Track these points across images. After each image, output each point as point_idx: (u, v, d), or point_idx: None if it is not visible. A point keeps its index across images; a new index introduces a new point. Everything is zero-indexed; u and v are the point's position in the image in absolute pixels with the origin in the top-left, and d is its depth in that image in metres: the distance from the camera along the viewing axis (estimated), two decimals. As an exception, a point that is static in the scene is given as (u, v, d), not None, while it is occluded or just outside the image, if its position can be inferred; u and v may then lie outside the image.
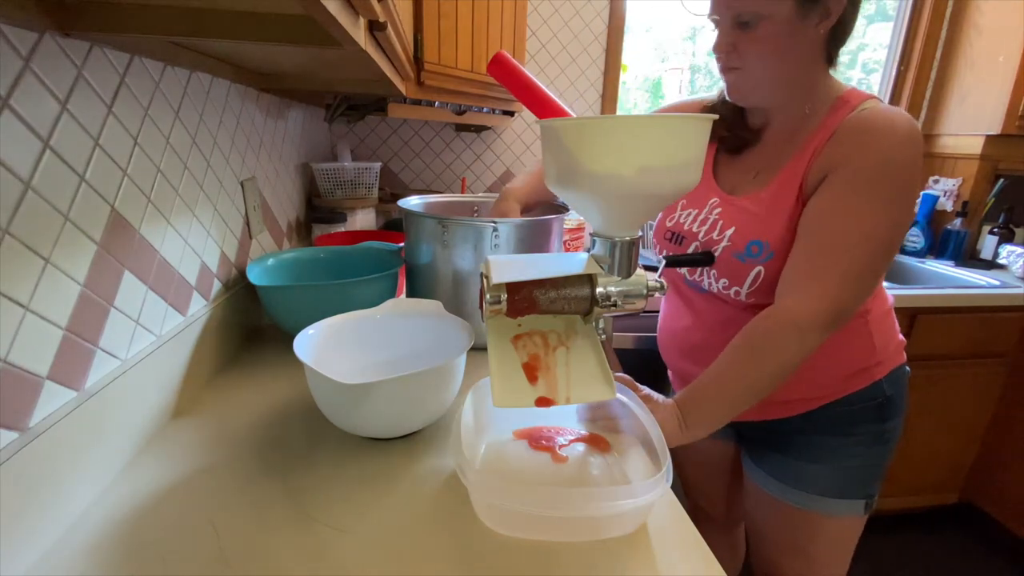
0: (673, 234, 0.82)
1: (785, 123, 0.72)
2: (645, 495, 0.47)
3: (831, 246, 0.62)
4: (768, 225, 0.69)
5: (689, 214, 0.80)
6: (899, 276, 1.80)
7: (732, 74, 0.69)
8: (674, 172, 0.48)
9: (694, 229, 0.78)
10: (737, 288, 0.72)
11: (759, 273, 0.69)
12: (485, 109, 1.46)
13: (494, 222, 0.81)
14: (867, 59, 2.08)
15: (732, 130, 0.77)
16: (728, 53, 0.67)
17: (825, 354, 0.68)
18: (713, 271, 0.75)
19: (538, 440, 0.63)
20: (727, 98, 0.72)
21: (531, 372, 0.55)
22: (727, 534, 1.06)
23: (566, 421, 0.67)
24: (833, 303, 0.61)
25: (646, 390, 0.68)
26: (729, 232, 0.72)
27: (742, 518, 0.99)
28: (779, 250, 0.67)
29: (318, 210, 1.35)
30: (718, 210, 0.75)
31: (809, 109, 0.69)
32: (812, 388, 0.74)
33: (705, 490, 1.02)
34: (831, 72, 0.69)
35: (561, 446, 0.62)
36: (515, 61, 0.72)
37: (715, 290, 0.75)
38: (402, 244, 0.97)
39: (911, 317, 1.45)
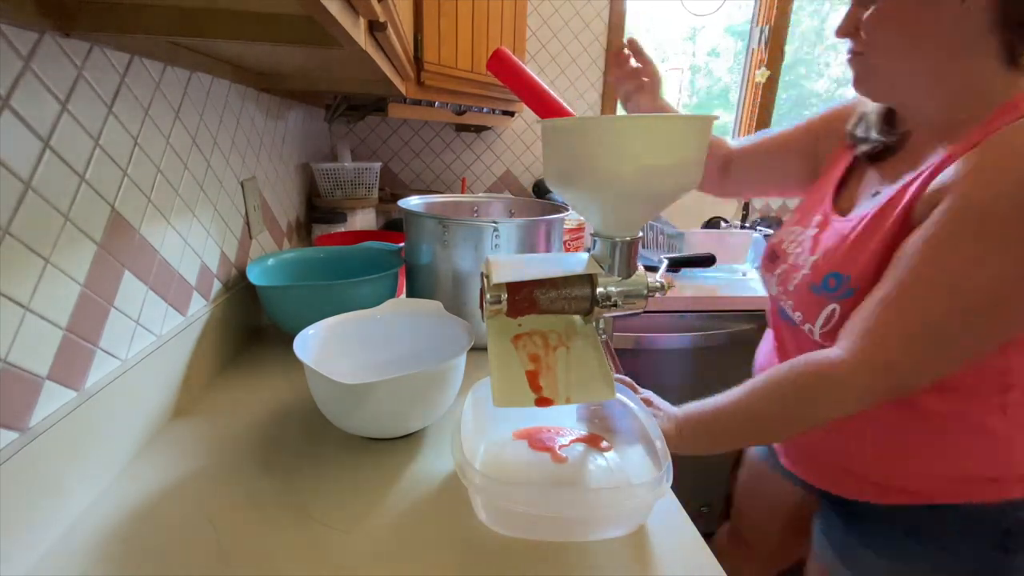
0: (772, 251, 0.72)
1: (930, 131, 0.58)
2: (645, 495, 0.47)
3: (905, 292, 0.50)
4: (854, 254, 0.57)
5: (791, 232, 0.69)
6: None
7: (855, 60, 0.58)
8: (675, 172, 0.48)
9: (788, 249, 0.68)
10: (810, 325, 0.61)
11: (834, 311, 0.57)
12: (485, 109, 1.46)
13: (494, 222, 0.81)
14: (867, 59, 2.08)
15: (868, 133, 0.64)
16: (851, 35, 0.56)
17: (931, 440, 0.58)
18: (790, 301, 0.65)
19: (538, 440, 0.63)
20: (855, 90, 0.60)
21: (533, 379, 0.55)
22: (765, 570, 0.92)
23: (566, 421, 0.67)
24: (887, 365, 0.51)
25: (646, 393, 0.68)
26: (813, 258, 0.62)
27: (790, 566, 0.86)
28: (862, 287, 0.55)
29: (318, 210, 1.35)
30: (814, 231, 0.65)
31: (966, 115, 0.53)
32: (913, 478, 0.60)
33: (754, 522, 0.90)
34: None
35: (561, 446, 0.62)
36: (515, 58, 0.72)
37: (796, 322, 0.65)
38: (402, 244, 0.97)
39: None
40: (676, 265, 0.75)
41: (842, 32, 0.57)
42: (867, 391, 0.52)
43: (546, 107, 0.74)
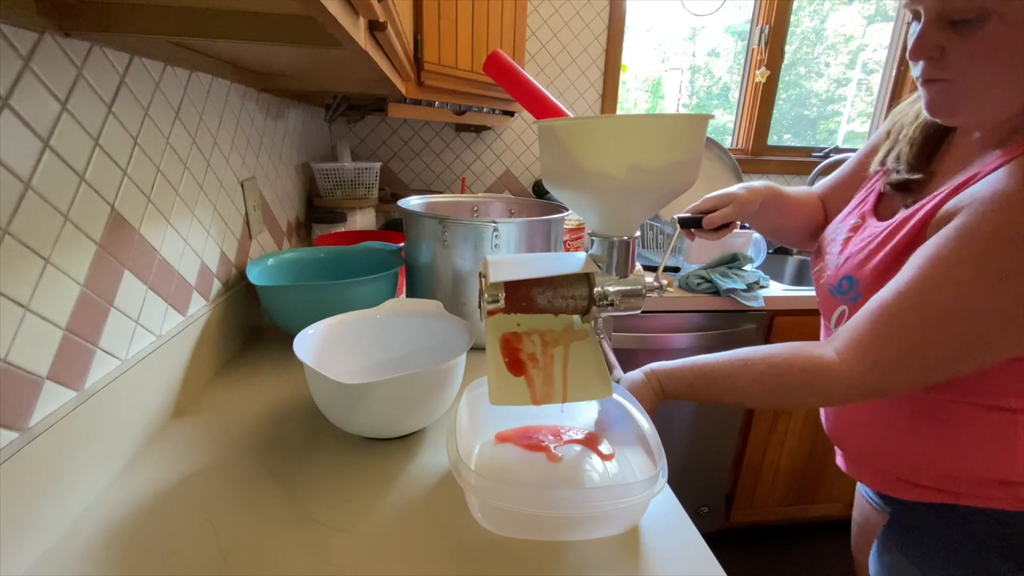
0: (818, 247, 0.74)
1: (980, 143, 0.56)
2: (640, 494, 0.47)
3: (901, 302, 0.50)
4: (869, 259, 0.59)
5: (835, 228, 0.70)
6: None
7: (935, 87, 0.53)
8: (669, 172, 0.48)
9: (826, 248, 0.70)
10: (827, 324, 0.66)
11: (843, 313, 0.62)
12: (485, 109, 1.46)
13: (494, 222, 0.82)
14: (867, 59, 2.08)
15: (897, 166, 0.64)
16: (934, 60, 0.51)
17: (953, 440, 0.58)
18: (818, 298, 0.69)
19: (533, 440, 0.63)
20: (925, 113, 0.56)
21: (519, 368, 0.55)
22: None
23: (561, 420, 0.67)
24: (873, 367, 0.51)
25: (617, 371, 0.69)
26: (839, 260, 0.65)
27: None
28: (867, 291, 0.58)
29: (318, 210, 1.35)
30: (848, 233, 0.67)
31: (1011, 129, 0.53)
32: (937, 478, 0.60)
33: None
34: None
35: (556, 445, 0.62)
36: (511, 60, 0.72)
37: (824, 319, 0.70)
38: (402, 244, 0.97)
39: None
40: (688, 225, 0.73)
41: (921, 54, 0.51)
42: (853, 390, 0.53)
43: (542, 108, 0.74)
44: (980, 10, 0.46)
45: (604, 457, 0.60)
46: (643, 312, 0.57)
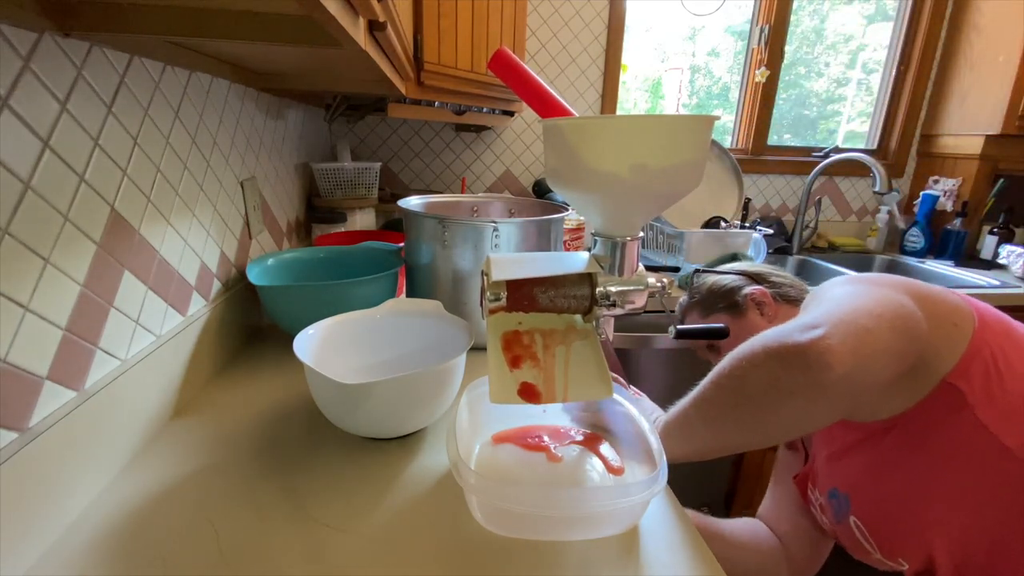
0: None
1: None
2: (640, 494, 0.47)
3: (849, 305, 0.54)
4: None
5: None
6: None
7: None
8: (674, 173, 0.48)
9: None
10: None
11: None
12: (485, 109, 1.46)
13: (494, 222, 0.81)
14: (867, 59, 2.08)
15: None
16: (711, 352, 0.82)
17: None
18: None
19: (533, 440, 0.63)
20: None
21: (517, 363, 0.54)
22: None
23: (561, 421, 0.67)
24: (818, 323, 0.49)
25: (634, 389, 0.68)
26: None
27: None
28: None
29: (318, 210, 1.35)
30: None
31: None
32: None
33: None
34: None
35: (556, 446, 0.62)
36: (517, 58, 0.72)
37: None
38: (402, 244, 0.97)
39: (911, 317, 1.45)
40: (686, 336, 0.78)
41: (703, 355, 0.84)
42: (804, 350, 0.47)
43: (547, 107, 0.74)
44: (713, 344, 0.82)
45: (614, 471, 0.58)
46: (644, 312, 0.57)
